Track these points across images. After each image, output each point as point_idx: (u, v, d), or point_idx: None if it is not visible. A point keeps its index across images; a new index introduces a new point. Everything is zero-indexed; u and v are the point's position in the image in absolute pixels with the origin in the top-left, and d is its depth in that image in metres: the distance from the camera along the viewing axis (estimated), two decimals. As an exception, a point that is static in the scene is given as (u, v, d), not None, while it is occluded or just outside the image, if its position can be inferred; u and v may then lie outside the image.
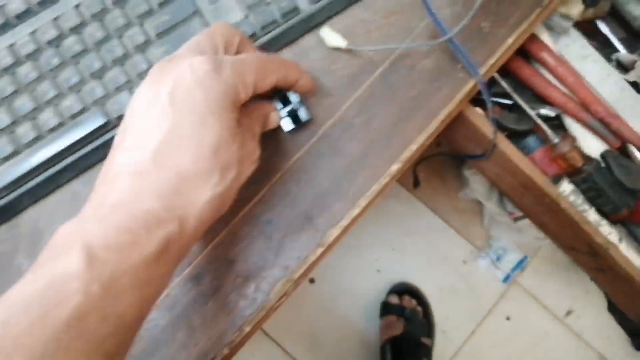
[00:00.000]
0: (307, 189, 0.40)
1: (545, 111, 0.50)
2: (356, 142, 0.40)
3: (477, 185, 0.96)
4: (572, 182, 0.51)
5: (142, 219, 0.27)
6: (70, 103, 0.38)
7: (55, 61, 0.38)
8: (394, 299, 1.13)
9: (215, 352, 0.37)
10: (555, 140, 0.50)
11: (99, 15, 0.39)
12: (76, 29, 0.39)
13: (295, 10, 0.40)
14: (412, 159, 0.41)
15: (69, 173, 0.39)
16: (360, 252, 1.19)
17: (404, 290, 1.15)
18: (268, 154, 0.40)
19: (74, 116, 0.38)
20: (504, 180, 0.54)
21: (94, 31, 0.39)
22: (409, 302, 1.13)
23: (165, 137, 0.29)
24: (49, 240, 0.26)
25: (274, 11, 0.40)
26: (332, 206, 0.39)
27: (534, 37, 0.51)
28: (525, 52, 0.52)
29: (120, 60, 0.39)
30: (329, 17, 0.41)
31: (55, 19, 0.39)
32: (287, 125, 0.39)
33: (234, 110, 0.31)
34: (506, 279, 1.18)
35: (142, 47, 0.39)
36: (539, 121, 0.50)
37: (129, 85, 0.39)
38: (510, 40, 0.41)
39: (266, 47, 0.40)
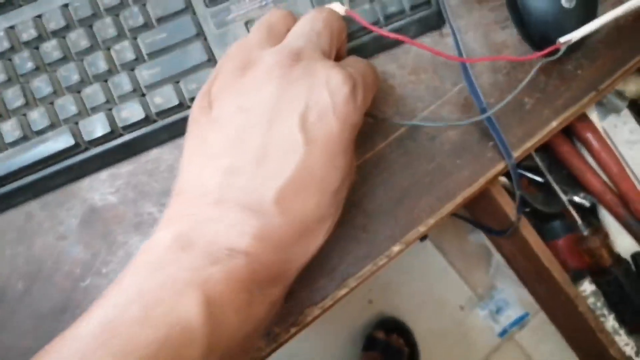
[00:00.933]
0: (292, 254, 0.34)
1: (579, 199, 0.44)
2: (355, 212, 0.35)
3: (488, 234, 0.90)
4: (595, 281, 0.45)
5: (259, 275, 0.24)
6: (39, 116, 0.33)
7: (30, 65, 0.33)
8: (381, 334, 1.07)
9: None
10: (585, 232, 0.44)
11: (88, 20, 0.34)
12: (59, 32, 0.34)
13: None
14: (417, 240, 0.36)
15: (26, 193, 0.35)
16: (355, 277, 1.13)
17: (393, 326, 1.10)
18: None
19: (40, 132, 0.33)
20: (519, 262, 0.49)
21: (78, 38, 0.34)
22: (396, 340, 1.07)
23: (293, 176, 0.25)
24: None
25: (287, 48, 0.34)
26: (316, 282, 0.34)
27: (580, 113, 0.45)
28: (568, 127, 0.46)
29: (103, 76, 0.34)
30: (350, 64, 0.35)
31: (38, 16, 0.34)
32: None
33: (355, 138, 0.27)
34: (502, 333, 1.11)
35: (130, 65, 0.34)
36: (571, 208, 0.44)
37: (107, 107, 0.33)
38: (554, 124, 0.35)
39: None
